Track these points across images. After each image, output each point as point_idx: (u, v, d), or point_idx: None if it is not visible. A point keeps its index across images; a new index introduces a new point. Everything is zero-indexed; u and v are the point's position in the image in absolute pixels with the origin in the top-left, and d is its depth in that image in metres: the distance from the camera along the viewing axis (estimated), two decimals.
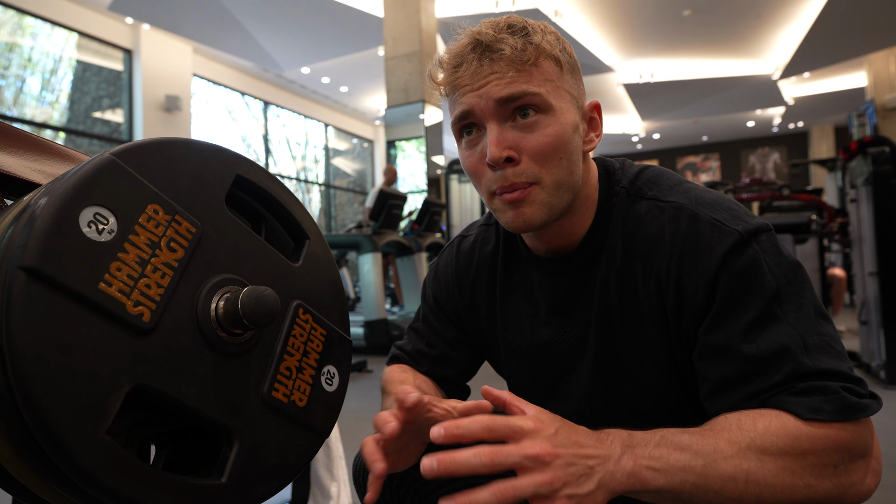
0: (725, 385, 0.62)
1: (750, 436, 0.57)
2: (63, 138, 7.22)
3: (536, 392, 0.83)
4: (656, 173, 0.75)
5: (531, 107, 0.67)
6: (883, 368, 3.11)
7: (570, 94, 0.70)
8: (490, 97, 0.66)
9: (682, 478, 0.55)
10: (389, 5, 6.93)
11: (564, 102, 0.69)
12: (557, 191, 0.69)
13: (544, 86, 0.67)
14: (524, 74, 0.67)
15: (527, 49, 0.66)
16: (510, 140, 0.67)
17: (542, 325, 0.80)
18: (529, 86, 0.66)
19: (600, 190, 0.76)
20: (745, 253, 0.63)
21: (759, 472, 0.55)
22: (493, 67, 0.67)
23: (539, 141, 0.67)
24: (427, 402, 0.62)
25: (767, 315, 0.61)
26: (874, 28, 8.28)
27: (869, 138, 3.37)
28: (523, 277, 0.82)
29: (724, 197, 0.70)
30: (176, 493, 0.48)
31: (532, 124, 0.67)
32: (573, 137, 0.69)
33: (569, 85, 0.70)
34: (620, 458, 0.55)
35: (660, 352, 0.70)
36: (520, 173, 0.67)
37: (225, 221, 0.57)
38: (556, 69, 0.69)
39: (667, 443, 0.57)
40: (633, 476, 0.54)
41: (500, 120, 0.67)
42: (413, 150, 7.40)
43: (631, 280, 0.71)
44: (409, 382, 0.84)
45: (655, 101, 11.77)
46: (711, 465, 0.55)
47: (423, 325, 0.92)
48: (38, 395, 0.42)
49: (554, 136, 0.67)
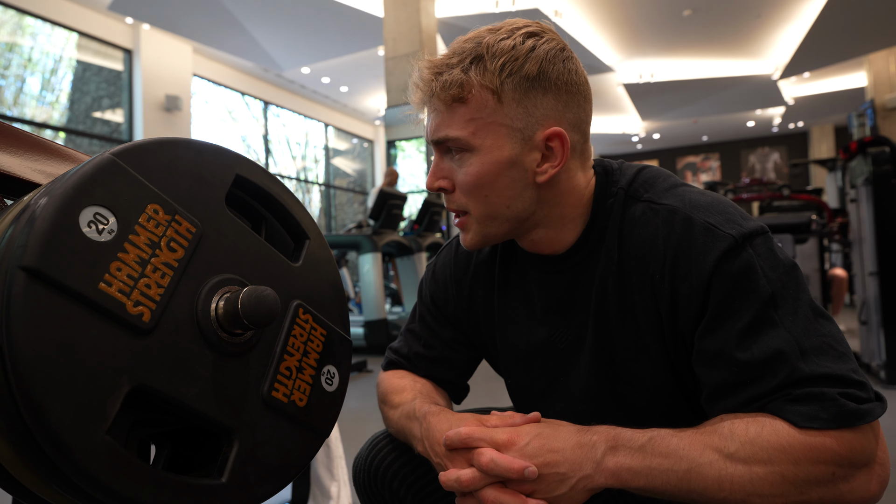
0: (721, 391, 0.62)
1: (740, 441, 0.57)
2: (63, 138, 7.22)
3: (535, 391, 0.83)
4: (653, 174, 0.75)
5: (453, 148, 0.71)
6: (883, 368, 3.11)
7: (509, 128, 0.68)
8: (427, 136, 0.73)
9: (664, 480, 0.58)
10: (389, 5, 6.93)
11: (495, 139, 0.68)
12: (488, 221, 0.72)
13: (468, 126, 0.68)
14: (451, 112, 0.69)
15: (452, 87, 0.68)
16: (445, 171, 0.73)
17: (539, 325, 0.80)
18: (450, 130, 0.69)
19: (597, 191, 0.75)
20: (739, 257, 0.62)
21: (745, 477, 0.56)
22: (431, 104, 0.71)
23: (462, 178, 0.71)
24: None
25: (762, 320, 0.60)
26: (874, 28, 8.28)
27: (869, 138, 3.37)
28: (520, 277, 0.82)
29: (720, 200, 0.69)
30: (176, 493, 0.48)
31: (459, 160, 0.71)
32: (507, 172, 0.69)
33: (508, 118, 0.68)
34: (601, 461, 0.60)
35: (656, 352, 0.70)
36: (452, 202, 0.73)
37: (225, 221, 0.57)
38: (493, 103, 0.67)
39: (653, 445, 0.60)
40: (615, 476, 0.60)
41: (442, 151, 0.73)
42: (413, 150, 7.40)
43: (626, 282, 0.71)
44: (408, 390, 0.84)
45: (655, 101, 11.77)
46: (695, 470, 0.57)
47: (419, 326, 0.91)
48: (38, 395, 0.42)
49: (475, 176, 0.70)
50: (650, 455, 0.59)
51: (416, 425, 0.75)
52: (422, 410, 0.75)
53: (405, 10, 6.83)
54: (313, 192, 11.70)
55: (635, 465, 0.59)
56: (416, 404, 0.78)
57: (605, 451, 0.60)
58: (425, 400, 0.79)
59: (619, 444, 0.61)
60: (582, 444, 0.62)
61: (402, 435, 0.80)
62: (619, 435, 0.61)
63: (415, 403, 0.78)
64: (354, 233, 5.08)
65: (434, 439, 0.69)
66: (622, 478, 0.59)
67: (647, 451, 0.59)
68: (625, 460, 0.59)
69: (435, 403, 0.78)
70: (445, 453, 0.67)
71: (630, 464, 0.59)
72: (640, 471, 0.59)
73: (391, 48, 6.91)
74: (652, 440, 0.60)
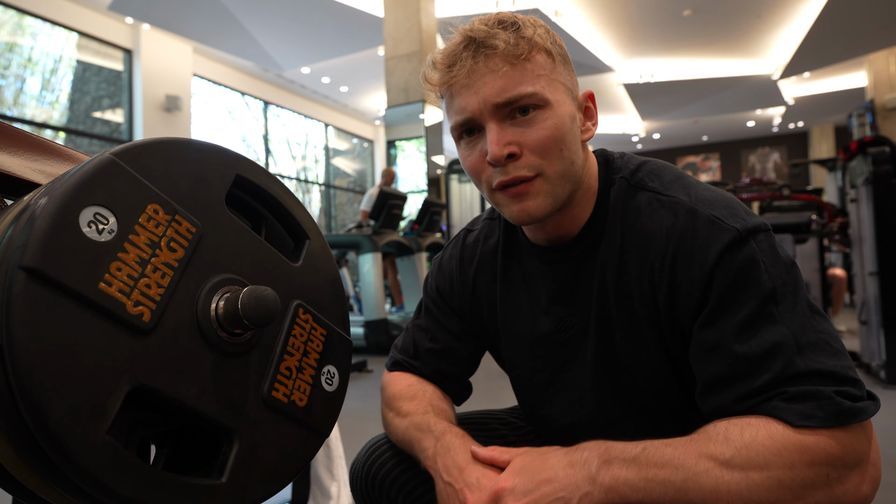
0: (716, 384, 0.62)
1: (735, 447, 0.56)
2: (63, 138, 7.22)
3: (538, 383, 0.83)
4: (659, 166, 0.75)
5: (530, 105, 0.67)
6: (883, 368, 3.11)
7: (565, 86, 0.71)
8: (488, 101, 0.67)
9: (662, 492, 0.57)
10: (389, 5, 6.93)
11: (560, 94, 0.69)
12: (560, 181, 0.70)
13: (539, 81, 0.67)
14: (518, 70, 0.67)
15: (519, 44, 0.67)
16: (510, 137, 0.67)
17: (543, 316, 0.80)
18: (525, 86, 0.67)
19: (600, 179, 0.76)
20: (742, 251, 0.62)
21: (742, 484, 0.55)
22: (487, 65, 0.67)
23: (539, 135, 0.67)
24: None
25: (762, 314, 0.60)
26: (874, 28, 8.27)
27: (869, 138, 3.37)
28: (524, 268, 0.82)
29: (725, 194, 0.69)
30: (176, 492, 0.48)
31: (531, 120, 0.68)
32: (571, 128, 0.70)
33: (562, 76, 0.71)
34: (597, 476, 0.59)
35: (653, 344, 0.70)
36: (522, 167, 0.68)
37: (225, 221, 0.57)
38: (549, 61, 0.69)
39: (647, 456, 0.59)
40: (612, 491, 0.58)
41: (499, 119, 0.68)
42: (413, 150, 7.40)
43: (625, 271, 0.71)
44: (419, 399, 0.83)
45: (655, 101, 11.77)
46: (692, 480, 0.56)
47: (425, 320, 0.91)
48: (38, 395, 0.41)
49: (553, 129, 0.68)
50: (645, 466, 0.58)
51: (429, 440, 0.74)
52: (438, 427, 0.75)
53: (405, 10, 6.83)
54: (313, 192, 11.69)
55: (632, 477, 0.58)
56: (429, 419, 0.78)
57: (598, 466, 0.60)
58: (439, 416, 0.79)
59: (611, 456, 0.60)
60: (573, 462, 0.61)
61: (408, 445, 0.79)
62: (611, 448, 0.61)
63: (428, 417, 0.78)
64: (354, 233, 5.08)
65: (450, 462, 0.70)
66: (621, 492, 0.58)
67: (642, 463, 0.58)
68: (620, 472, 0.59)
69: (450, 420, 0.78)
70: (459, 477, 0.67)
71: (626, 476, 0.58)
72: (637, 483, 0.58)
73: (391, 48, 6.91)
74: (645, 450, 0.59)
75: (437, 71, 0.71)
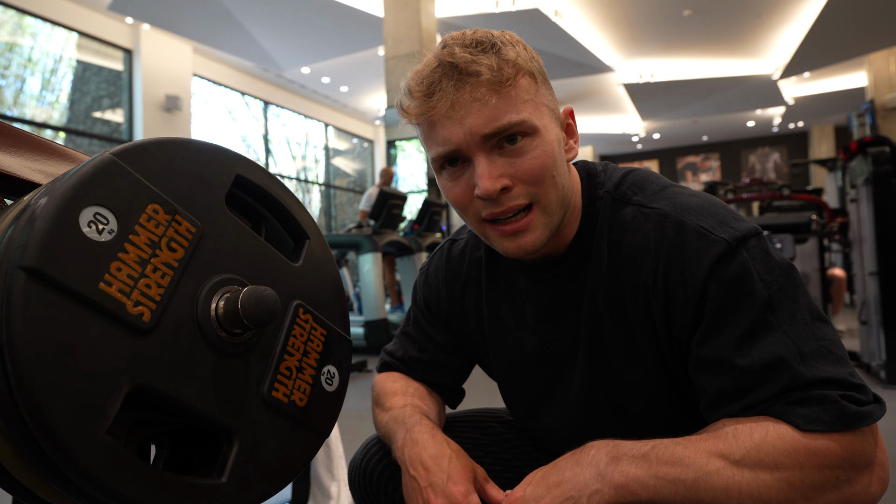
0: (722, 398, 0.61)
1: (745, 447, 0.56)
2: (63, 138, 7.22)
3: (529, 399, 0.82)
4: (641, 177, 0.73)
5: (518, 133, 0.64)
6: (883, 368, 3.11)
7: (548, 107, 0.68)
8: (475, 132, 0.63)
9: (673, 490, 0.56)
10: (389, 5, 6.93)
11: (546, 119, 0.67)
12: (556, 209, 0.68)
13: (525, 108, 0.64)
14: (504, 98, 0.63)
15: (503, 69, 0.63)
16: (501, 169, 0.64)
17: (530, 334, 0.78)
18: (512, 114, 0.63)
19: (583, 195, 0.74)
20: (733, 262, 0.61)
21: (753, 484, 0.55)
22: (472, 94, 0.62)
23: (531, 164, 0.65)
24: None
25: (760, 325, 0.59)
26: (874, 28, 8.27)
27: (869, 138, 3.37)
28: (510, 285, 0.80)
29: (711, 201, 0.67)
30: (176, 492, 0.48)
31: (520, 149, 0.64)
32: (559, 152, 0.68)
33: (545, 98, 0.68)
34: (605, 472, 0.58)
35: (650, 359, 0.69)
36: (515, 197, 0.65)
37: (225, 221, 0.57)
38: (533, 84, 0.66)
39: (657, 454, 0.58)
40: (623, 488, 0.57)
41: (486, 150, 0.64)
42: (413, 150, 7.39)
43: (618, 289, 0.69)
44: (401, 394, 0.83)
45: (655, 101, 11.77)
46: (703, 479, 0.56)
47: (414, 329, 0.90)
48: (38, 395, 0.41)
49: (544, 157, 0.65)
50: (655, 463, 0.57)
51: (401, 431, 0.74)
52: (411, 419, 0.75)
53: (405, 10, 6.83)
54: (313, 192, 11.69)
55: (642, 474, 0.57)
56: (406, 411, 0.77)
57: (607, 462, 0.59)
58: (416, 409, 0.78)
59: (620, 454, 0.59)
60: (580, 461, 0.60)
61: (387, 439, 0.79)
62: (619, 446, 0.60)
63: (405, 410, 0.78)
64: (354, 233, 5.08)
65: (416, 455, 0.69)
66: (632, 489, 0.57)
67: (652, 460, 0.58)
68: (630, 469, 0.58)
69: (425, 415, 0.78)
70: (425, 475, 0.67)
71: (637, 473, 0.57)
72: (647, 481, 0.57)
73: (391, 48, 6.91)
74: (655, 448, 0.59)
75: (415, 100, 0.65)
